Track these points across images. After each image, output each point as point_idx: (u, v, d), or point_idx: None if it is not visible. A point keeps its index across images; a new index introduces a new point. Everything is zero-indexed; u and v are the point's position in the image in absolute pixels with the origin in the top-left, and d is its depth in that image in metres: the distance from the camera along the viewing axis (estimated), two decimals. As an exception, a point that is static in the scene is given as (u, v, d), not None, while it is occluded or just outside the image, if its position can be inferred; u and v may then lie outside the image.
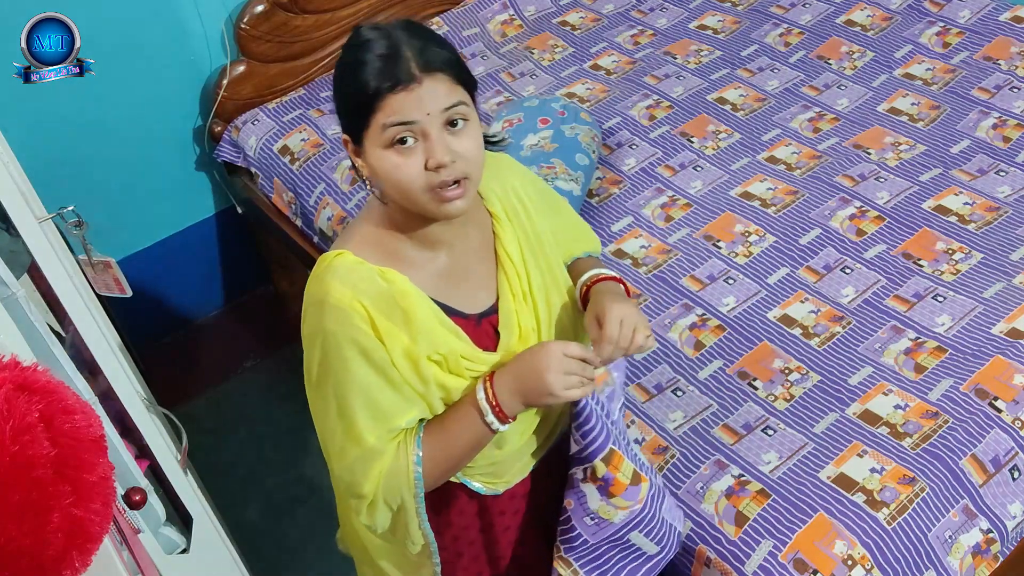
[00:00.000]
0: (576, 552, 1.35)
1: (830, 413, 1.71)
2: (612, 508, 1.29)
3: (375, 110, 1.09)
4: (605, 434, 1.26)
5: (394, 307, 1.17)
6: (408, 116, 1.09)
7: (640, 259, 2.08)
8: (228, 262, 2.96)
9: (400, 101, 1.08)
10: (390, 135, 1.09)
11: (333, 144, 2.48)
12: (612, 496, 1.28)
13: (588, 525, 1.32)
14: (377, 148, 1.11)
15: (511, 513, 1.40)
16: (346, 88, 1.13)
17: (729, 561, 1.51)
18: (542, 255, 1.30)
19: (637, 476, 1.29)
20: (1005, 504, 1.59)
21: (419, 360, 1.18)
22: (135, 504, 1.15)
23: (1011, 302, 1.84)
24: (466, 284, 1.26)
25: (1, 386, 0.69)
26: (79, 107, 2.40)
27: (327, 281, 1.17)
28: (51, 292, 1.28)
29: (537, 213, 1.31)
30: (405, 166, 1.10)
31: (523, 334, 1.27)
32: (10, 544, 0.66)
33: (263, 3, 2.57)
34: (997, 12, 2.58)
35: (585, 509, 1.31)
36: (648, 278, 2.03)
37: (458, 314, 1.23)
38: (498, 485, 1.35)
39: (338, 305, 1.15)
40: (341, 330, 1.16)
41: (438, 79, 1.10)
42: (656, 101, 2.50)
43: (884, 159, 2.23)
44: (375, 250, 1.20)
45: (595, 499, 1.29)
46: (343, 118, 1.16)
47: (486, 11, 2.90)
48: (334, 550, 1.56)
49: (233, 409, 2.78)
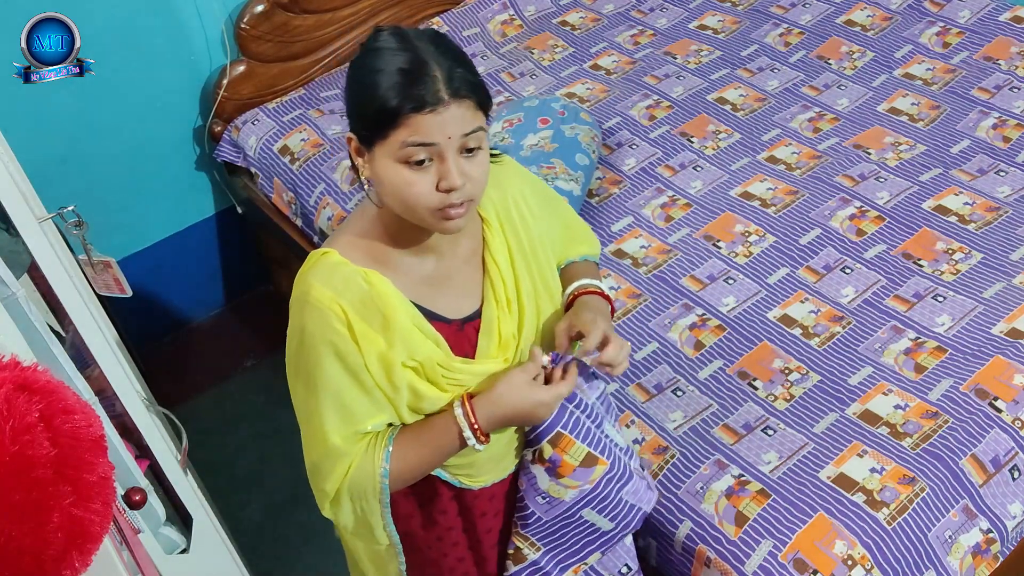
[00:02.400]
0: (531, 528, 1.39)
1: (830, 413, 1.71)
2: (561, 488, 1.33)
3: (397, 126, 1.08)
4: (552, 418, 1.29)
5: (373, 310, 1.17)
6: (431, 138, 1.08)
7: (640, 259, 2.08)
8: (228, 262, 2.96)
9: (425, 122, 1.07)
10: (408, 153, 1.09)
11: (333, 144, 2.48)
12: (560, 477, 1.32)
13: (540, 504, 1.36)
14: (389, 160, 1.11)
15: (492, 514, 1.40)
16: (363, 93, 1.11)
17: (729, 561, 1.51)
18: (535, 262, 1.30)
19: (592, 458, 1.32)
20: (1005, 504, 1.59)
21: (393, 365, 1.19)
22: (135, 504, 1.15)
23: (1011, 302, 1.84)
24: (451, 289, 1.26)
25: (1, 386, 0.69)
26: (79, 107, 2.40)
27: (309, 280, 1.18)
28: (51, 292, 1.27)
29: (534, 218, 1.32)
30: (417, 184, 1.10)
31: (503, 341, 1.28)
32: (10, 544, 0.66)
33: (263, 3, 2.57)
34: (997, 12, 2.58)
35: (536, 489, 1.35)
36: (648, 278, 2.03)
37: (440, 319, 1.24)
38: (475, 483, 1.36)
39: (317, 305, 1.16)
40: (318, 330, 1.17)
41: (464, 104, 1.09)
42: (656, 101, 2.50)
43: (884, 159, 2.23)
44: (362, 251, 1.21)
45: (544, 480, 1.33)
46: (355, 120, 1.15)
47: (486, 11, 2.90)
48: (334, 550, 1.56)
49: (233, 409, 2.78)
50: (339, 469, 1.24)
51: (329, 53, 2.76)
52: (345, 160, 2.41)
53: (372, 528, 1.30)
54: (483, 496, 1.37)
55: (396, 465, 1.23)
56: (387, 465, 1.22)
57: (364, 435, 1.23)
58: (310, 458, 1.27)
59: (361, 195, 2.29)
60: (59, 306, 1.29)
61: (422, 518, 1.37)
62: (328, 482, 1.25)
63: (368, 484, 1.23)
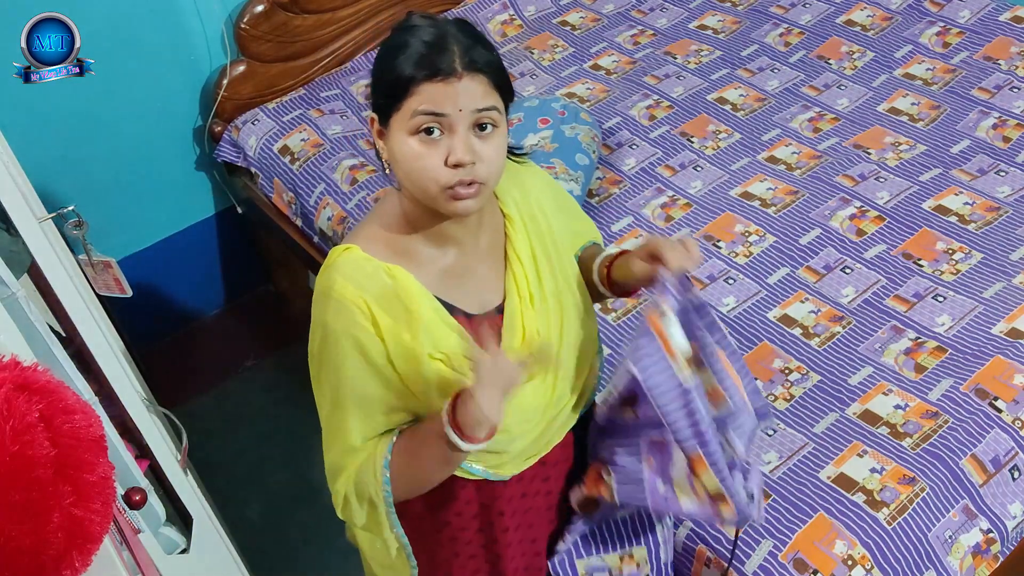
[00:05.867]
0: (624, 489, 1.28)
1: (830, 413, 1.71)
2: (690, 490, 1.22)
3: (409, 94, 1.09)
4: (697, 434, 1.17)
5: (397, 304, 1.17)
6: (440, 107, 1.08)
7: (640, 259, 2.07)
8: (228, 262, 2.96)
9: (436, 91, 1.08)
10: (418, 122, 1.09)
11: (333, 144, 2.48)
12: (697, 476, 1.20)
13: (658, 492, 1.25)
14: (402, 132, 1.11)
15: (509, 514, 1.39)
16: (384, 66, 1.12)
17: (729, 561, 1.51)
18: (558, 263, 1.30)
19: (722, 496, 1.21)
20: (1005, 504, 1.59)
21: (420, 358, 1.18)
22: (135, 504, 1.15)
23: (1011, 302, 1.84)
24: (472, 283, 1.25)
25: (1, 386, 0.69)
26: (79, 107, 2.40)
27: (332, 275, 1.18)
28: (51, 292, 1.27)
29: (555, 219, 1.32)
30: (426, 156, 1.10)
31: (527, 336, 1.26)
32: (10, 544, 0.66)
33: (263, 3, 2.57)
34: (997, 12, 2.58)
35: (666, 474, 1.23)
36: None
37: (462, 313, 1.23)
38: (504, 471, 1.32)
39: (340, 300, 1.16)
40: (341, 325, 1.17)
41: (477, 79, 1.10)
42: (656, 101, 2.50)
43: (884, 159, 2.23)
44: (384, 246, 1.21)
45: (680, 469, 1.21)
46: (375, 97, 1.16)
47: (486, 11, 2.90)
48: (334, 549, 1.56)
49: (233, 409, 2.78)
50: (349, 468, 1.24)
51: (329, 53, 2.76)
52: (346, 160, 2.41)
53: (382, 530, 1.29)
54: (503, 496, 1.35)
55: (397, 467, 1.21)
56: (388, 456, 1.21)
57: (381, 435, 1.23)
58: (329, 456, 1.26)
59: (363, 194, 2.30)
60: (59, 306, 1.29)
61: (434, 520, 1.36)
62: (338, 481, 1.25)
63: (370, 481, 1.23)
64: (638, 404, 1.25)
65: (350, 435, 1.22)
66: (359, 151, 2.46)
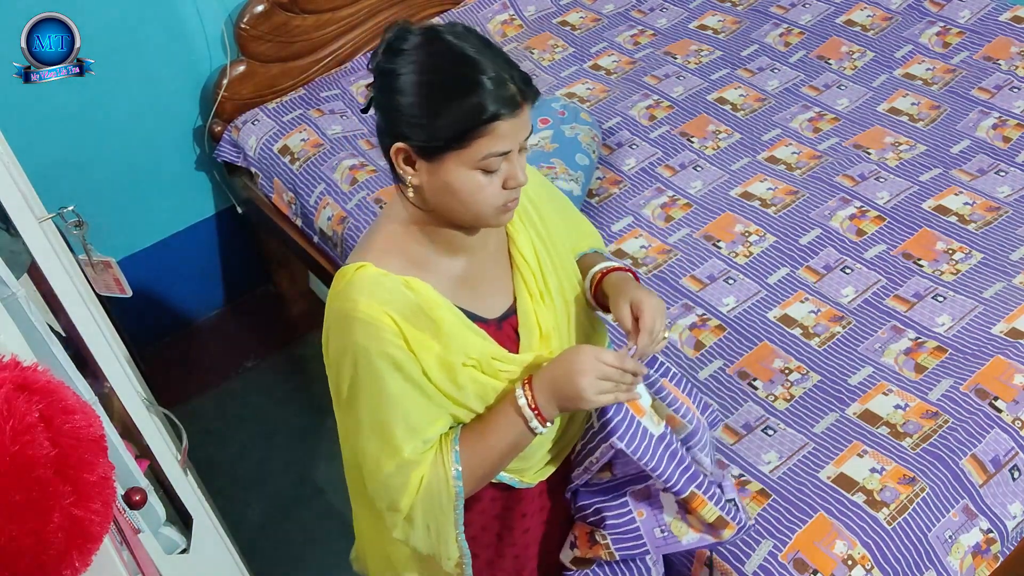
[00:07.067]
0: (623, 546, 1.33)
1: (830, 413, 1.71)
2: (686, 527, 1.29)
3: (483, 134, 1.07)
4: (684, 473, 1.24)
5: (422, 317, 1.16)
6: (511, 145, 1.10)
7: (640, 259, 2.08)
8: (228, 262, 2.96)
9: (508, 128, 1.08)
10: (489, 163, 1.10)
11: (333, 144, 2.48)
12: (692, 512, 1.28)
13: (656, 537, 1.31)
14: (463, 167, 1.10)
15: (532, 514, 1.39)
16: (437, 108, 1.08)
17: (729, 561, 1.51)
18: (557, 258, 1.30)
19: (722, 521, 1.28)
20: (1005, 504, 1.59)
21: (454, 367, 1.17)
22: (135, 504, 1.15)
23: (1011, 302, 1.84)
24: (484, 288, 1.25)
25: (1, 386, 0.69)
26: (79, 107, 2.40)
27: (352, 296, 1.15)
28: (51, 292, 1.27)
29: (548, 214, 1.32)
30: (489, 186, 1.11)
31: (544, 333, 1.26)
32: (10, 544, 0.66)
33: (263, 3, 2.57)
34: (997, 12, 2.58)
35: (659, 520, 1.30)
36: (648, 278, 2.03)
37: (479, 319, 1.23)
38: (530, 479, 1.32)
39: (367, 319, 1.13)
40: (372, 344, 1.14)
41: (529, 106, 1.11)
42: (656, 101, 2.50)
43: (884, 159, 2.23)
44: (396, 258, 1.19)
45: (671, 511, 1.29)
46: (416, 133, 1.10)
47: (486, 11, 2.90)
48: (334, 550, 1.56)
49: (233, 409, 2.78)
50: (412, 482, 1.20)
51: (329, 53, 2.76)
52: (345, 160, 2.41)
53: (445, 541, 1.25)
54: (529, 496, 1.35)
55: (466, 460, 1.19)
56: (458, 466, 1.19)
57: (431, 445, 1.20)
58: (376, 479, 1.21)
59: (363, 194, 2.30)
60: (59, 306, 1.29)
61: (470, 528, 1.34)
62: (403, 498, 1.20)
63: (443, 491, 1.20)
64: (614, 465, 1.32)
65: (402, 451, 1.18)
66: (359, 151, 2.46)
